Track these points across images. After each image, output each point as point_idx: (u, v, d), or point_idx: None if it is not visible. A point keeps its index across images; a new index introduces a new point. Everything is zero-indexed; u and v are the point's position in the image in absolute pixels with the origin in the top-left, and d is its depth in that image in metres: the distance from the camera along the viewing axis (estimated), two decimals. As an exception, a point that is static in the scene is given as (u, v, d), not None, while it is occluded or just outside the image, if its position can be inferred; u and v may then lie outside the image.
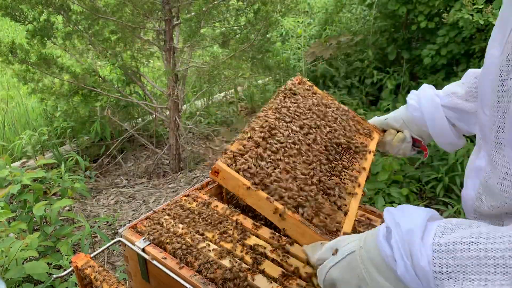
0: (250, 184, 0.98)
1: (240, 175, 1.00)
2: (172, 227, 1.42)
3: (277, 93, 1.36)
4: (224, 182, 1.00)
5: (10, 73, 5.86)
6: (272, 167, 1.06)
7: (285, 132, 1.19)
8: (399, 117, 1.44)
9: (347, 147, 1.30)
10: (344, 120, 1.42)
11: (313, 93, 1.47)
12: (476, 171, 1.03)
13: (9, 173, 2.54)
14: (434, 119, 1.32)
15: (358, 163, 1.28)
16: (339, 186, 1.15)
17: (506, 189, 0.87)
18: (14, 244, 1.97)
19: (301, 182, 1.07)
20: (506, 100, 0.85)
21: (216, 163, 0.99)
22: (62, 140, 4.03)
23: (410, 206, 0.82)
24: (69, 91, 3.66)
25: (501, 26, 0.92)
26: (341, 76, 4.61)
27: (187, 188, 3.57)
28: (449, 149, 1.39)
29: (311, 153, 1.19)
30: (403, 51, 4.19)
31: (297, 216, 0.97)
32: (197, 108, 4.79)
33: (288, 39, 6.02)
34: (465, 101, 1.26)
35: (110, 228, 3.08)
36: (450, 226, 0.73)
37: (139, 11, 3.14)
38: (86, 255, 1.37)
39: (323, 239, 0.94)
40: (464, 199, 1.09)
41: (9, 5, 3.11)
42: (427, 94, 1.34)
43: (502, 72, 0.86)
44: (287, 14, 3.58)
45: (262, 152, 1.08)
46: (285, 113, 1.26)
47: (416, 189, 3.15)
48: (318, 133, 1.27)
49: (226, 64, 3.46)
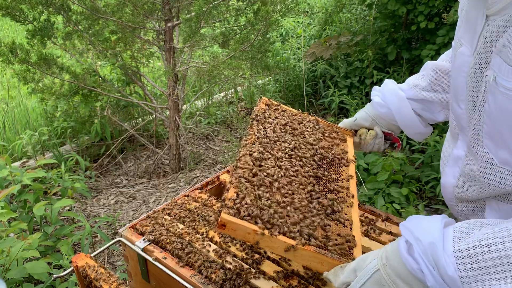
0: (259, 228, 0.98)
1: (246, 222, 0.99)
2: (172, 227, 1.42)
3: (250, 122, 1.38)
4: (233, 233, 1.00)
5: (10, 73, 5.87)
6: (272, 203, 1.07)
7: (271, 162, 1.20)
8: (367, 116, 1.49)
9: (330, 160, 1.33)
10: (319, 132, 1.45)
11: (282, 111, 1.50)
12: (455, 160, 1.09)
13: (9, 173, 2.55)
14: (401, 112, 1.39)
15: (344, 172, 1.31)
16: (337, 202, 1.16)
17: (489, 177, 0.94)
18: (15, 244, 1.98)
19: (304, 211, 1.08)
20: (481, 96, 0.91)
21: (221, 217, 0.98)
22: (62, 140, 4.03)
23: (423, 218, 0.84)
24: (69, 91, 3.66)
25: (468, 27, 0.99)
26: (341, 76, 4.61)
27: (187, 188, 3.57)
28: (418, 138, 1.46)
29: (301, 175, 1.21)
30: (403, 51, 4.19)
31: (311, 248, 0.97)
32: (197, 108, 4.79)
33: (288, 39, 6.02)
34: (428, 92, 1.35)
35: (110, 228, 3.09)
36: (465, 230, 0.77)
37: (139, 11, 3.14)
38: (86, 255, 1.37)
39: (342, 262, 0.96)
40: (444, 186, 1.14)
41: (10, 5, 3.12)
42: (391, 89, 1.41)
43: (476, 70, 0.93)
44: (287, 14, 3.58)
45: (259, 192, 1.08)
46: (265, 142, 1.28)
47: (416, 189, 3.16)
48: (301, 153, 1.29)
49: (226, 64, 3.46)
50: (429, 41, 3.90)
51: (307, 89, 4.88)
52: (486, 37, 0.89)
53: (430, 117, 1.39)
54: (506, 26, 0.84)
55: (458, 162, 1.08)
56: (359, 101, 4.20)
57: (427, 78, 1.35)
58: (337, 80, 4.64)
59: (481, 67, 0.91)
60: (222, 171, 1.79)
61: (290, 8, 3.51)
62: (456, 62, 1.05)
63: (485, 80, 0.89)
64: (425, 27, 3.81)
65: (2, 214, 2.01)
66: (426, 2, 3.74)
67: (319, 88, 4.90)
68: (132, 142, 4.39)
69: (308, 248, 0.97)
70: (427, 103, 1.37)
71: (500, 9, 0.86)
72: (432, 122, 1.43)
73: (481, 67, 0.91)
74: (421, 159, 3.29)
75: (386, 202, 2.92)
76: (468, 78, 0.96)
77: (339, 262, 0.96)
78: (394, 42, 4.29)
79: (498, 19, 0.86)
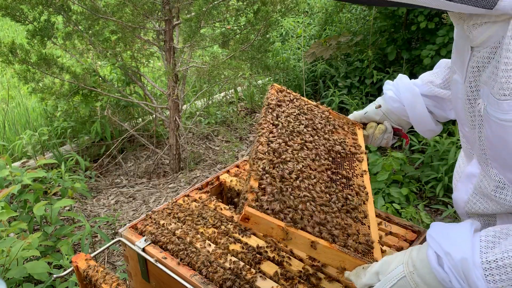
0: (284, 224, 0.97)
1: (271, 216, 0.98)
2: (172, 227, 1.43)
3: (264, 111, 1.35)
4: (256, 227, 0.99)
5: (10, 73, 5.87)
6: (295, 198, 1.06)
7: (290, 154, 1.18)
8: (378, 109, 1.48)
9: (344, 154, 1.33)
10: (331, 123, 1.45)
11: (295, 99, 1.48)
12: (468, 177, 1.08)
13: (9, 173, 2.55)
14: (414, 108, 1.38)
15: (358, 167, 1.31)
16: (353, 198, 1.16)
17: (501, 196, 0.93)
18: (15, 244, 1.97)
19: (324, 207, 1.08)
20: (478, 120, 0.92)
21: (245, 209, 0.97)
22: (63, 140, 4.03)
23: (450, 228, 0.85)
24: (70, 91, 3.66)
25: (458, 54, 1.00)
26: (341, 76, 4.61)
27: (187, 188, 3.58)
28: (428, 135, 1.45)
29: (319, 169, 1.20)
30: (403, 51, 4.19)
31: (335, 246, 0.98)
32: (197, 108, 4.80)
33: (288, 39, 6.02)
34: (442, 89, 1.33)
35: (110, 228, 3.09)
36: (491, 239, 0.77)
37: (139, 11, 3.14)
38: (86, 255, 1.37)
39: (364, 262, 0.97)
40: (456, 201, 1.14)
41: (10, 5, 3.12)
42: (406, 84, 1.40)
43: (469, 98, 0.94)
44: (287, 14, 3.58)
45: (282, 185, 1.07)
46: (281, 132, 1.26)
47: (416, 189, 3.16)
48: (317, 145, 1.29)
49: (226, 64, 3.46)
50: (429, 41, 3.90)
51: (307, 89, 4.88)
52: (473, 67, 0.89)
53: (441, 114, 1.38)
54: (490, 58, 0.84)
55: (471, 179, 1.07)
56: (359, 101, 4.21)
57: (441, 75, 1.35)
58: (337, 80, 4.64)
59: (473, 95, 0.92)
60: (222, 171, 1.79)
61: (290, 8, 3.51)
62: (453, 89, 1.06)
63: (478, 109, 0.89)
64: (425, 27, 3.81)
65: (3, 213, 2.01)
66: (426, 2, 3.74)
67: (319, 88, 4.90)
68: (132, 142, 4.39)
69: (332, 246, 0.97)
70: (439, 100, 1.36)
71: (482, 42, 0.86)
72: (442, 120, 1.42)
73: (473, 95, 0.92)
74: (421, 159, 3.29)
75: (386, 202, 2.92)
76: (464, 105, 0.97)
77: (362, 262, 0.97)
78: (394, 42, 4.29)
79: (482, 50, 0.86)
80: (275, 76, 4.98)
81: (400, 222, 1.45)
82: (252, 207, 0.98)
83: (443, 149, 3.17)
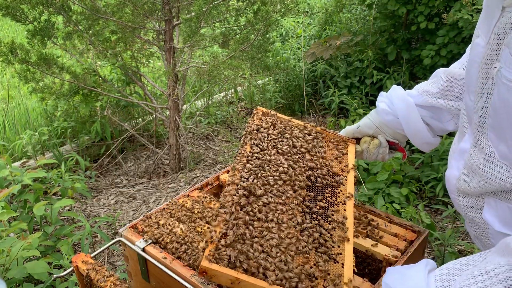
0: (241, 275, 0.97)
1: (228, 269, 0.98)
2: (172, 227, 1.43)
3: (243, 138, 1.34)
4: (215, 279, 0.99)
5: (10, 73, 5.87)
6: (257, 246, 1.04)
7: (262, 191, 1.16)
8: (371, 123, 1.42)
9: (327, 183, 1.27)
10: (318, 145, 1.39)
11: (280, 123, 1.44)
12: (461, 153, 1.08)
13: (9, 173, 2.55)
14: (409, 120, 1.32)
15: (342, 192, 1.25)
16: (329, 232, 1.13)
17: (489, 170, 0.94)
18: (15, 244, 1.98)
19: (292, 249, 1.05)
20: (489, 87, 0.91)
21: (201, 264, 0.97)
22: (63, 140, 4.03)
23: (405, 272, 0.85)
24: (70, 91, 3.66)
25: (486, 17, 0.97)
26: (341, 76, 4.61)
27: (187, 188, 3.58)
28: (425, 148, 1.39)
29: (292, 204, 1.16)
30: (403, 51, 4.19)
31: None
32: (197, 108, 4.80)
33: (288, 39, 6.02)
34: (439, 99, 1.28)
35: (110, 228, 3.09)
36: (446, 277, 0.78)
37: (139, 11, 3.14)
38: (86, 255, 1.37)
39: None
40: (448, 178, 1.13)
41: (10, 5, 3.12)
42: (399, 95, 1.34)
43: (487, 61, 0.92)
44: (287, 14, 3.58)
45: (244, 231, 1.06)
46: (257, 163, 1.24)
47: (416, 189, 3.16)
48: (295, 173, 1.24)
49: (226, 64, 3.46)
50: (429, 41, 3.90)
51: (307, 89, 4.89)
52: (500, 29, 0.88)
53: (439, 126, 1.33)
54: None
55: (463, 155, 1.07)
56: (359, 101, 4.21)
57: (438, 84, 1.29)
58: (337, 80, 4.64)
59: (491, 58, 0.90)
60: (222, 171, 1.79)
61: (290, 8, 3.51)
62: (472, 53, 1.03)
63: (493, 72, 0.89)
64: (425, 28, 3.81)
65: (3, 213, 2.02)
66: (426, 2, 3.74)
67: (319, 88, 4.90)
68: (132, 142, 4.39)
69: None
70: (436, 111, 1.31)
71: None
72: (440, 133, 1.36)
73: (492, 59, 0.90)
74: (421, 159, 3.30)
75: (386, 202, 2.92)
76: (479, 69, 0.95)
77: None
78: (394, 42, 4.29)
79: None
80: (275, 76, 4.98)
81: (400, 222, 1.45)
82: (210, 260, 0.98)
83: (443, 149, 3.17)
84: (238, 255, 1.00)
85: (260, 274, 0.98)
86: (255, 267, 0.99)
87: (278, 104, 4.85)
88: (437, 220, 2.97)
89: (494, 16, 0.92)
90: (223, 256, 1.00)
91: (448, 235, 2.48)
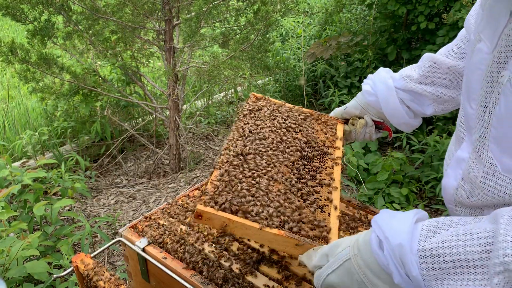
0: (234, 216, 1.02)
1: (221, 212, 1.02)
2: (172, 227, 1.43)
3: (236, 118, 1.41)
4: (209, 222, 1.04)
5: (10, 73, 5.87)
6: (250, 188, 1.09)
7: (253, 156, 1.22)
8: (357, 104, 1.49)
9: (316, 148, 1.35)
10: (307, 122, 1.47)
11: (272, 104, 1.52)
12: (458, 161, 1.06)
13: (9, 173, 2.55)
14: (387, 101, 1.38)
15: (329, 160, 1.32)
16: (316, 187, 1.18)
17: (490, 183, 0.91)
18: (15, 244, 1.98)
19: (281, 197, 1.10)
20: (495, 97, 0.87)
21: (196, 208, 1.02)
22: (63, 140, 4.03)
23: (394, 215, 0.86)
24: (70, 90, 3.66)
25: (490, 22, 0.93)
26: (341, 76, 4.61)
27: (187, 188, 3.57)
28: (404, 128, 1.45)
29: (285, 162, 1.22)
30: (403, 51, 4.19)
31: (283, 232, 1.00)
32: (197, 108, 4.80)
33: (288, 39, 6.02)
34: (418, 84, 1.33)
35: (110, 228, 3.09)
36: (433, 229, 0.79)
37: (139, 11, 3.14)
38: (86, 255, 1.37)
39: (315, 245, 0.99)
40: (445, 188, 1.12)
41: (10, 4, 3.12)
42: (382, 77, 1.40)
43: (493, 69, 0.88)
44: (287, 14, 3.58)
45: (236, 179, 1.12)
46: (251, 138, 1.29)
47: (416, 189, 3.16)
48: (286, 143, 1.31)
49: (226, 64, 3.46)
50: (429, 41, 3.90)
51: (307, 89, 4.89)
52: (509, 35, 0.84)
53: (418, 109, 1.37)
54: None
55: (461, 164, 1.05)
56: (359, 101, 4.21)
57: (420, 69, 1.33)
58: (337, 80, 4.64)
59: (498, 66, 0.86)
60: (222, 171, 1.79)
61: (290, 8, 3.51)
62: (473, 58, 0.99)
63: (501, 81, 0.85)
64: (425, 27, 3.81)
65: (3, 213, 2.02)
66: (426, 2, 3.74)
67: (319, 88, 4.90)
68: (132, 142, 4.39)
69: (281, 233, 1.00)
70: (416, 95, 1.35)
71: None
72: (421, 115, 1.41)
73: (499, 66, 0.86)
74: (421, 159, 3.30)
75: (386, 202, 2.92)
76: (484, 77, 0.91)
77: (312, 246, 0.99)
78: (394, 42, 4.29)
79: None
80: (275, 76, 4.98)
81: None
82: (204, 204, 1.03)
83: (443, 149, 3.17)
84: (232, 199, 1.05)
85: (252, 217, 1.03)
86: (248, 210, 1.03)
87: (278, 104, 4.84)
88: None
89: (501, 20, 0.88)
90: (218, 200, 1.05)
91: (448, 235, 2.47)
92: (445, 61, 1.28)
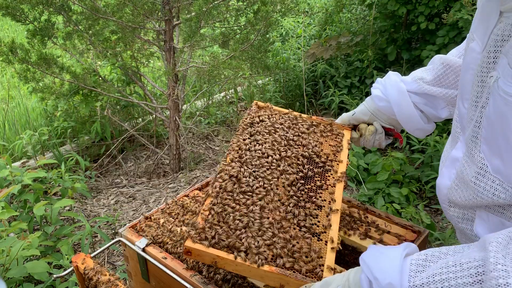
0: (223, 253, 1.00)
1: (211, 249, 1.01)
2: (172, 227, 1.43)
3: (240, 127, 1.37)
4: (199, 258, 1.03)
5: (10, 73, 5.87)
6: (242, 218, 1.07)
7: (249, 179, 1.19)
8: (366, 110, 1.42)
9: (319, 162, 1.30)
10: (311, 133, 1.41)
11: (275, 114, 1.47)
12: (452, 161, 1.05)
13: (9, 173, 2.55)
14: (400, 106, 1.32)
15: (332, 176, 1.27)
16: (315, 212, 1.14)
17: (480, 184, 0.90)
18: (15, 244, 1.98)
19: (275, 226, 1.08)
20: (485, 97, 0.86)
21: (185, 244, 1.01)
22: (63, 140, 4.03)
23: (382, 252, 0.84)
24: (70, 91, 3.66)
25: (482, 21, 0.92)
26: (341, 76, 4.61)
27: (187, 188, 3.58)
28: (418, 134, 1.39)
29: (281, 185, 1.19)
30: (403, 51, 4.19)
31: (274, 269, 0.99)
32: (197, 108, 4.80)
33: (288, 39, 6.02)
34: (433, 86, 1.27)
35: (110, 228, 3.09)
36: (421, 262, 0.77)
37: (139, 11, 3.14)
38: (86, 255, 1.37)
39: (307, 282, 0.98)
40: (439, 187, 1.10)
41: (10, 4, 3.12)
42: (393, 81, 1.34)
43: (483, 69, 0.87)
44: (287, 14, 3.58)
45: (227, 212, 1.09)
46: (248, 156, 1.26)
47: (416, 189, 3.16)
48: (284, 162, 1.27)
49: (226, 64, 3.46)
50: (429, 41, 3.90)
51: (307, 89, 4.89)
52: (497, 35, 0.83)
53: (432, 113, 1.32)
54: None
55: (455, 163, 1.04)
56: (359, 101, 4.21)
57: (433, 71, 1.28)
58: (337, 80, 4.64)
59: (488, 66, 0.85)
60: (222, 171, 1.78)
61: (290, 8, 3.51)
62: (466, 58, 0.99)
63: (489, 82, 0.84)
64: (425, 28, 3.81)
65: (3, 213, 2.02)
66: (426, 2, 3.74)
67: (319, 88, 4.90)
68: (132, 142, 4.39)
69: (272, 270, 0.98)
70: (430, 98, 1.30)
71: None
72: (435, 120, 1.35)
73: (488, 67, 0.85)
74: (421, 159, 3.29)
75: (386, 202, 2.92)
76: (475, 77, 0.91)
77: (304, 283, 0.97)
78: (394, 42, 4.29)
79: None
80: (275, 76, 4.98)
81: (400, 222, 1.45)
82: (194, 240, 1.02)
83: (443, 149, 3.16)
84: (222, 234, 1.03)
85: (241, 252, 1.01)
86: (237, 246, 1.02)
87: (278, 104, 4.85)
88: (437, 220, 2.97)
89: (491, 20, 0.87)
90: (207, 235, 1.03)
91: (448, 235, 2.48)
92: (458, 62, 1.24)
